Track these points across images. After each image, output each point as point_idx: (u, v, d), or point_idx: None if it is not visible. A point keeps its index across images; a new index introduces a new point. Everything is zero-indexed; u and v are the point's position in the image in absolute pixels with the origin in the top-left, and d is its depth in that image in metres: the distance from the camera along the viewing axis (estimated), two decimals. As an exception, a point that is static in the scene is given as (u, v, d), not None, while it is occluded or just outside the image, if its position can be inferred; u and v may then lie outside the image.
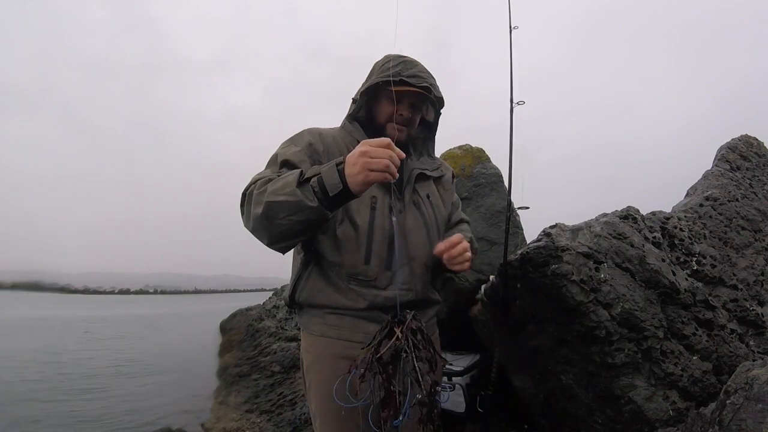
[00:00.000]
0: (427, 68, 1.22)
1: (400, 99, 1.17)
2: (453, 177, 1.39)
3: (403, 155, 0.91)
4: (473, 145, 3.12)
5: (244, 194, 1.04)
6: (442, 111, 1.30)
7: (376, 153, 0.87)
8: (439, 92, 1.21)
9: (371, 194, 1.11)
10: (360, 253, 1.08)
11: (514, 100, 1.70)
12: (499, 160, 3.05)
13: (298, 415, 3.44)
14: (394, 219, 1.11)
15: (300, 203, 0.92)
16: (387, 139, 0.90)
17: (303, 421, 3.32)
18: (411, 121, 1.21)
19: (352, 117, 1.24)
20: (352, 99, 1.25)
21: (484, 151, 3.08)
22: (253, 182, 1.03)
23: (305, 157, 1.11)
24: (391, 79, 1.12)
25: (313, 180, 0.93)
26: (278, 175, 1.01)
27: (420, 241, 1.16)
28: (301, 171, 0.96)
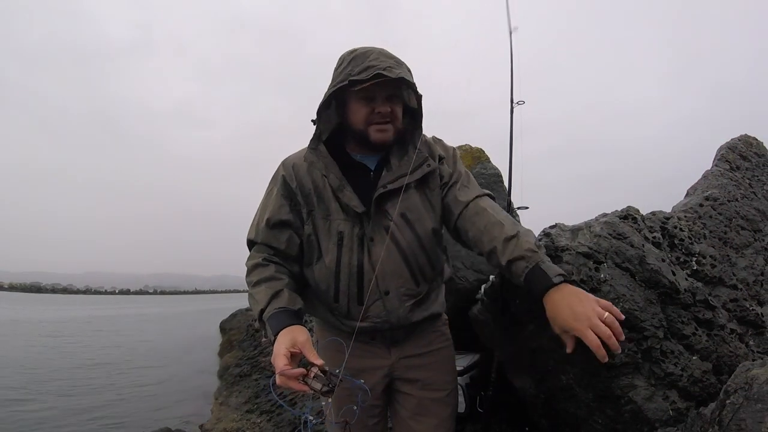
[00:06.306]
0: (385, 51, 1.10)
1: (372, 96, 1.08)
2: (441, 159, 1.21)
3: (320, 362, 0.90)
4: (473, 145, 3.12)
5: (249, 249, 1.17)
6: (420, 92, 1.14)
7: (282, 381, 0.91)
8: (397, 72, 1.04)
9: (338, 229, 1.10)
10: (330, 293, 1.13)
11: (514, 100, 1.71)
12: (496, 160, 3.06)
13: (297, 416, 3.45)
14: (364, 252, 1.11)
15: (262, 327, 1.03)
16: (290, 376, 0.90)
17: (303, 421, 3.32)
18: (394, 115, 1.11)
19: (317, 140, 1.16)
20: (312, 120, 1.15)
21: (483, 151, 3.09)
22: (250, 268, 1.11)
23: (284, 201, 1.14)
24: (340, 85, 1.07)
25: (266, 327, 1.00)
26: (262, 260, 1.10)
27: (394, 271, 1.11)
28: (262, 308, 1.01)
